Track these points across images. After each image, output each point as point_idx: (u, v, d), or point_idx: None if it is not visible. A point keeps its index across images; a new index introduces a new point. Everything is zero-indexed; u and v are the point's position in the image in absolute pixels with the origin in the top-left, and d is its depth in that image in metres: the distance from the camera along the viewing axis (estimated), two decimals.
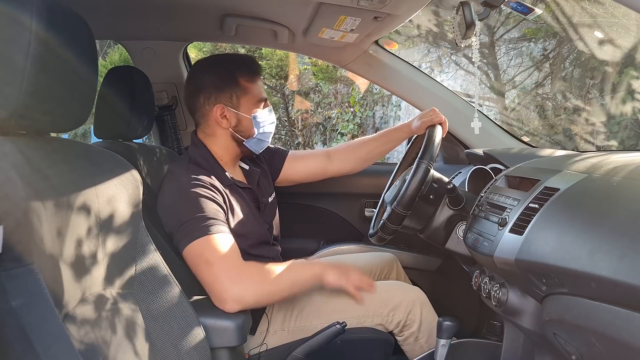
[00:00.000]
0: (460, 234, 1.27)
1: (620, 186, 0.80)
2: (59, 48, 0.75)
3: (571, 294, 0.79)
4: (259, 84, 1.38)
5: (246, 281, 1.16)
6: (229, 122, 1.36)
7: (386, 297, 1.36)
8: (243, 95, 1.35)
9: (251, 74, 1.36)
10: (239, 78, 1.35)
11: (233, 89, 1.34)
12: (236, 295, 1.13)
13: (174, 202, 1.24)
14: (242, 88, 1.35)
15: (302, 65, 5.70)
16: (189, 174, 1.27)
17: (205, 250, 1.16)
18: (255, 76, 1.37)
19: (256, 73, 1.38)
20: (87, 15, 0.84)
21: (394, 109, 5.37)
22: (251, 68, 1.37)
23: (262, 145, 1.42)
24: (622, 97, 3.50)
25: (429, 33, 4.64)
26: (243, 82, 1.35)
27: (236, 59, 1.41)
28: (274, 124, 1.42)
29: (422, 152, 1.25)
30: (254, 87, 1.36)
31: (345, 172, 1.64)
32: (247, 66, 1.37)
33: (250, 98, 1.36)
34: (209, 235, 1.17)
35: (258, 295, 1.17)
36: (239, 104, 1.35)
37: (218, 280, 1.13)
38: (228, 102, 1.35)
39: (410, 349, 1.36)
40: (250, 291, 1.15)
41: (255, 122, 1.36)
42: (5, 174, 0.67)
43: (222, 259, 1.15)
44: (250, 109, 1.36)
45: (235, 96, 1.35)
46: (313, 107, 5.78)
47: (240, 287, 1.14)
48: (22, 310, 0.66)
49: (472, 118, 1.43)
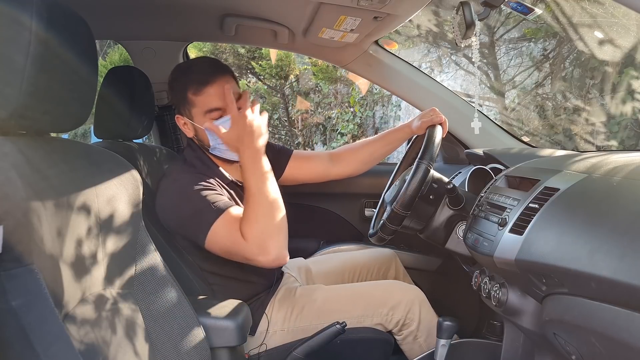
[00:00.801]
0: (460, 234, 1.27)
1: (620, 186, 0.80)
2: (59, 48, 0.75)
3: (571, 294, 0.79)
4: (209, 94, 1.28)
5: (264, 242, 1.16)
6: (190, 131, 1.35)
7: (385, 296, 1.36)
8: (192, 107, 1.31)
9: (198, 85, 1.28)
10: (187, 92, 1.30)
11: (184, 102, 1.32)
12: (273, 255, 1.16)
13: (175, 201, 1.24)
14: (190, 101, 1.30)
15: (302, 65, 5.70)
16: (185, 174, 1.28)
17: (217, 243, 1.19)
18: (203, 86, 1.28)
19: (204, 83, 1.28)
20: (87, 15, 0.84)
21: (394, 109, 5.37)
22: (199, 78, 1.29)
23: (231, 154, 1.33)
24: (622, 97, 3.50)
25: (429, 33, 4.64)
26: (190, 95, 1.30)
27: (189, 69, 1.34)
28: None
29: (422, 152, 1.25)
30: (200, 99, 1.29)
31: (347, 174, 1.64)
32: (194, 76, 1.30)
33: (198, 110, 1.30)
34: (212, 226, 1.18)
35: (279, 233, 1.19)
36: (192, 115, 1.31)
37: (251, 256, 1.16)
38: (184, 113, 1.34)
39: (409, 348, 1.36)
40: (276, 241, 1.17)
41: (209, 133, 1.29)
42: (5, 174, 0.67)
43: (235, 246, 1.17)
44: (202, 120, 1.29)
45: (187, 108, 1.32)
46: (313, 107, 5.78)
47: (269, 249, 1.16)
48: (22, 310, 0.66)
49: (472, 118, 1.44)
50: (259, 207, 1.18)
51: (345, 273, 1.62)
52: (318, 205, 2.05)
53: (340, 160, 1.62)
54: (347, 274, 1.62)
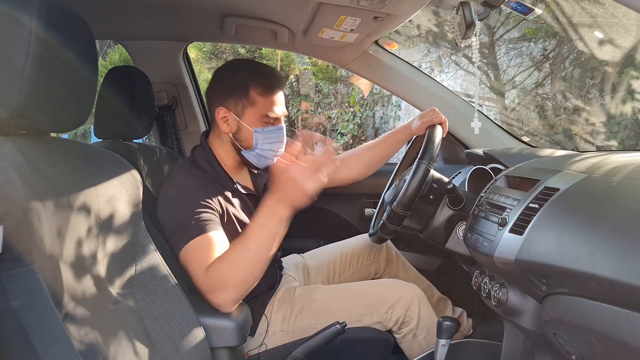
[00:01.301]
0: (460, 234, 1.27)
1: (620, 186, 0.80)
2: (59, 48, 0.75)
3: (571, 294, 0.79)
4: (273, 99, 1.30)
5: (219, 285, 1.10)
6: (230, 127, 1.31)
7: (384, 295, 1.36)
8: (250, 105, 1.29)
9: (265, 87, 1.29)
10: (251, 88, 1.28)
11: (241, 97, 1.29)
12: (219, 301, 1.10)
13: (169, 205, 1.23)
14: (251, 98, 1.28)
15: (302, 65, 5.70)
16: (187, 178, 1.27)
17: (187, 261, 1.15)
18: (270, 91, 1.29)
19: (271, 88, 1.29)
20: (87, 15, 0.84)
21: (394, 109, 5.37)
22: (268, 82, 1.29)
23: (264, 161, 1.34)
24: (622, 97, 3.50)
25: (429, 33, 4.64)
26: (253, 92, 1.28)
27: (257, 69, 1.33)
28: (281, 145, 1.33)
29: (422, 152, 1.25)
30: (264, 101, 1.29)
31: (351, 180, 1.63)
32: (263, 78, 1.30)
33: (256, 110, 1.29)
34: (190, 242, 1.14)
35: (237, 288, 1.10)
36: (243, 113, 1.29)
37: (200, 289, 1.12)
38: (232, 108, 1.30)
39: (408, 347, 1.36)
40: (227, 291, 1.10)
41: (256, 136, 1.29)
42: (5, 174, 0.67)
43: (196, 270, 1.13)
44: (254, 122, 1.29)
45: (241, 104, 1.29)
46: (313, 107, 5.78)
47: (217, 293, 1.10)
48: (22, 310, 0.66)
49: (472, 118, 1.44)
50: (241, 254, 1.11)
51: (337, 262, 1.63)
52: (318, 205, 2.05)
53: (344, 165, 1.61)
54: (339, 263, 1.63)
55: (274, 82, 1.31)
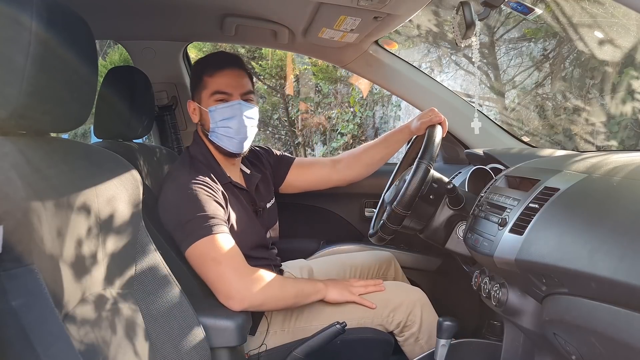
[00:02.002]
0: (460, 234, 1.27)
1: (620, 186, 0.80)
2: (59, 48, 0.75)
3: (571, 294, 0.79)
4: (221, 77, 1.35)
5: (254, 281, 1.18)
6: (197, 117, 1.40)
7: (386, 298, 1.36)
8: (203, 89, 1.36)
9: (212, 67, 1.36)
10: (202, 73, 1.37)
11: (197, 85, 1.38)
12: (244, 293, 1.15)
13: (175, 202, 1.24)
14: (203, 82, 1.36)
15: (302, 65, 5.70)
16: (190, 174, 1.28)
17: (211, 249, 1.18)
18: (216, 69, 1.35)
19: (218, 67, 1.35)
20: (87, 15, 0.84)
21: (394, 109, 5.37)
22: (214, 62, 1.37)
23: (232, 143, 1.35)
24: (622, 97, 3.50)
25: (429, 33, 4.64)
26: (204, 77, 1.36)
27: (207, 56, 1.42)
28: (239, 119, 1.33)
29: (422, 153, 1.25)
30: (212, 80, 1.35)
31: (349, 180, 1.64)
32: (210, 61, 1.38)
33: (207, 91, 1.35)
34: (213, 235, 1.18)
35: (265, 297, 1.19)
36: (201, 98, 1.37)
37: (225, 277, 1.16)
38: (196, 98, 1.39)
39: (410, 350, 1.36)
40: (257, 291, 1.17)
41: (211, 115, 1.34)
42: (5, 174, 0.67)
43: (230, 258, 1.18)
44: (208, 102, 1.35)
45: (198, 91, 1.38)
46: (313, 107, 5.78)
47: (248, 285, 1.17)
48: (22, 310, 0.66)
49: (472, 118, 1.43)
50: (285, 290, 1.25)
51: (346, 274, 1.62)
52: (318, 205, 2.05)
53: (343, 165, 1.63)
54: (348, 275, 1.62)
55: (221, 61, 1.37)
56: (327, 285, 1.32)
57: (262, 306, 1.23)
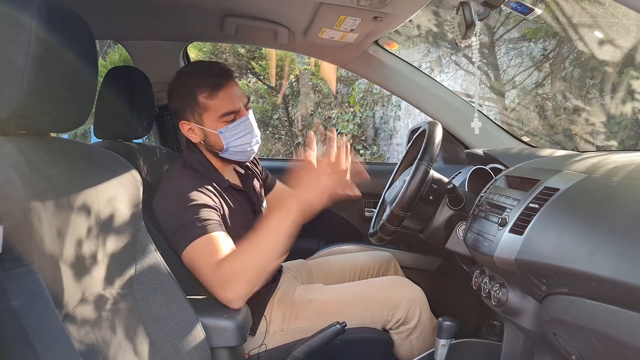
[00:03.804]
0: (460, 234, 1.27)
1: (620, 186, 0.80)
2: (59, 48, 0.75)
3: (571, 294, 0.79)
4: (224, 97, 1.29)
5: (231, 279, 1.11)
6: (198, 137, 1.33)
7: (386, 297, 1.36)
8: (204, 112, 1.29)
9: (211, 88, 1.28)
10: (197, 95, 1.28)
11: (193, 106, 1.30)
12: (231, 296, 1.11)
13: (168, 207, 1.23)
14: (202, 104, 1.29)
15: (302, 65, 5.70)
16: (182, 179, 1.27)
17: (193, 258, 1.15)
18: (216, 90, 1.28)
19: (217, 86, 1.28)
20: (87, 15, 0.84)
21: (394, 109, 5.37)
22: (211, 82, 1.28)
23: (245, 155, 1.36)
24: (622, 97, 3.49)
25: (429, 33, 4.64)
26: (201, 98, 1.28)
27: (198, 72, 1.32)
28: (252, 134, 1.33)
29: (421, 153, 1.25)
30: (214, 103, 1.28)
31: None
32: (205, 80, 1.29)
33: (211, 114, 1.29)
34: (195, 241, 1.15)
35: (249, 282, 1.12)
36: (202, 120, 1.30)
37: (210, 286, 1.13)
38: (192, 118, 1.31)
39: (400, 344, 1.36)
40: (239, 286, 1.11)
41: (222, 136, 1.29)
42: (5, 174, 0.67)
43: (205, 266, 1.13)
44: (216, 124, 1.29)
45: (197, 113, 1.30)
46: (313, 107, 5.78)
47: (228, 287, 1.11)
48: (22, 310, 0.66)
49: (472, 118, 1.43)
50: (255, 249, 1.13)
51: (346, 275, 1.62)
52: None
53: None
54: (348, 276, 1.62)
55: (217, 79, 1.29)
56: (294, 198, 1.14)
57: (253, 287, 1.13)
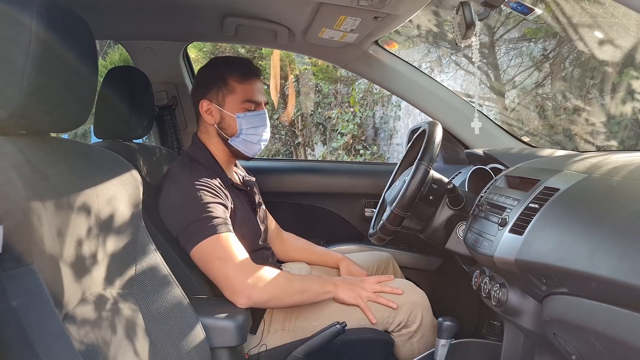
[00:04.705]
0: (460, 234, 1.27)
1: (620, 186, 0.80)
2: (59, 48, 0.75)
3: (571, 294, 0.79)
4: (251, 86, 1.37)
5: (260, 278, 1.19)
6: (214, 118, 1.37)
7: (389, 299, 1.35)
8: (229, 94, 1.35)
9: (242, 74, 1.36)
10: (228, 77, 1.35)
11: (220, 87, 1.36)
12: (250, 290, 1.16)
13: (178, 203, 1.24)
14: (230, 86, 1.35)
15: (302, 65, 5.70)
16: (191, 175, 1.28)
17: (217, 248, 1.19)
18: (246, 78, 1.36)
19: (248, 75, 1.36)
20: (87, 15, 0.84)
21: (394, 109, 5.37)
22: (244, 69, 1.37)
23: (251, 148, 1.39)
24: (622, 97, 3.49)
25: (429, 33, 4.64)
26: (231, 81, 1.35)
27: (232, 60, 1.42)
28: (265, 130, 1.40)
29: (421, 154, 1.25)
30: (243, 87, 1.35)
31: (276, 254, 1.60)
32: (239, 67, 1.37)
33: (236, 97, 1.35)
34: (219, 234, 1.19)
35: (271, 293, 1.20)
36: (224, 102, 1.36)
37: (232, 275, 1.17)
38: (214, 99, 1.36)
39: (401, 345, 1.36)
40: (263, 288, 1.18)
41: (239, 121, 1.35)
42: (5, 174, 0.67)
43: (235, 256, 1.19)
44: (236, 109, 1.35)
45: (221, 94, 1.36)
46: (313, 107, 5.78)
47: (255, 282, 1.18)
48: (22, 310, 0.66)
49: (472, 118, 1.43)
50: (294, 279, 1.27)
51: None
52: (318, 205, 2.05)
53: (280, 241, 1.64)
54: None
55: (251, 70, 1.38)
56: (337, 286, 1.31)
57: (269, 302, 1.23)
